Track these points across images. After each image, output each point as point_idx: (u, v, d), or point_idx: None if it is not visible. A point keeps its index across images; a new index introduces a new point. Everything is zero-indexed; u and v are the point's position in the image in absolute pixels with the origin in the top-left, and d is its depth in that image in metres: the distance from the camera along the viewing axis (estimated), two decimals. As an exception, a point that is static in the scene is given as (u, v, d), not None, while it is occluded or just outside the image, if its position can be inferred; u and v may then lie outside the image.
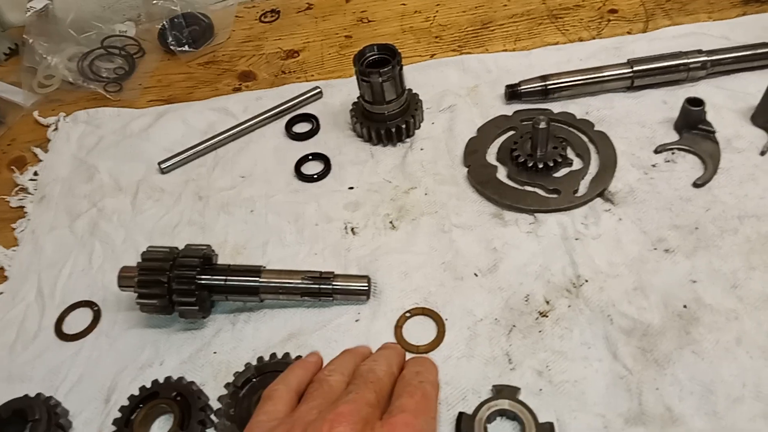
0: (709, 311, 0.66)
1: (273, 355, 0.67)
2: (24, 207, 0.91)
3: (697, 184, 0.78)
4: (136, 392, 0.66)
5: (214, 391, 0.67)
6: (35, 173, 0.95)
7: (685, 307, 0.67)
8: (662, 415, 0.60)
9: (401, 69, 0.83)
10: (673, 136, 0.84)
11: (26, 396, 0.66)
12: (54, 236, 0.86)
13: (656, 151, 0.82)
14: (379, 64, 0.84)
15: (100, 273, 0.81)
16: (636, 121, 0.86)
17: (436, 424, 0.54)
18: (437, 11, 1.11)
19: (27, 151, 0.99)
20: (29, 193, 0.93)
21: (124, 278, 0.72)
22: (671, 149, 0.82)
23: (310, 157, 0.89)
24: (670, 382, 0.62)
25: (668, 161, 0.81)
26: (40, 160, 0.97)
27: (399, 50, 0.84)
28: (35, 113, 1.04)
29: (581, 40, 1.00)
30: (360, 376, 0.53)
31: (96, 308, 0.77)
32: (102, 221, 0.86)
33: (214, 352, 0.71)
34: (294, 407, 0.51)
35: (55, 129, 1.01)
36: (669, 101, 0.88)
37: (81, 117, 1.02)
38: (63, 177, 0.94)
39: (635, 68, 0.88)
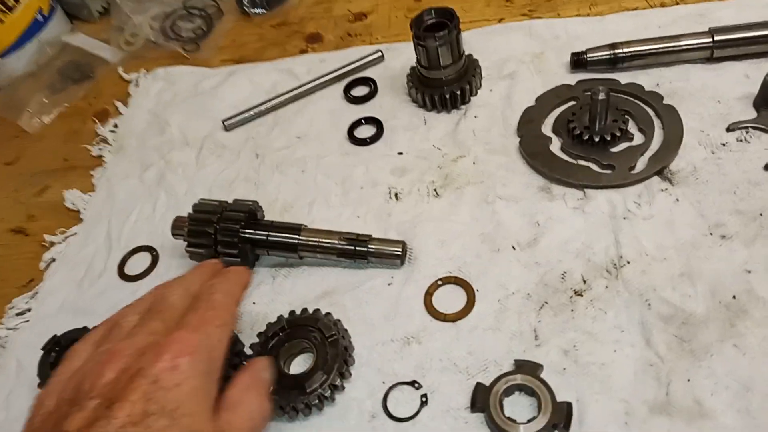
0: (761, 305, 0.61)
1: (304, 310, 0.69)
2: (103, 156, 0.98)
3: (769, 167, 0.71)
4: (181, 333, 0.71)
5: (249, 339, 0.70)
6: (115, 125, 1.03)
7: (734, 297, 0.63)
8: (690, 408, 0.57)
9: (459, 33, 0.81)
10: (751, 114, 0.77)
11: (85, 327, 0.73)
12: (126, 185, 0.93)
13: (729, 129, 0.76)
14: (437, 28, 0.82)
15: (162, 221, 0.86)
16: (711, 96, 0.79)
17: (227, 332, 0.54)
18: (512, -27, 1.06)
19: (110, 104, 1.07)
20: (109, 144, 1.00)
21: (177, 227, 0.77)
22: (746, 128, 0.75)
23: (364, 121, 0.90)
24: (704, 375, 0.59)
25: (740, 141, 0.74)
26: (121, 114, 1.04)
27: (461, 14, 0.82)
28: (120, 69, 1.11)
29: (663, 5, 0.93)
30: (150, 309, 0.53)
31: (155, 253, 0.83)
32: (168, 173, 0.92)
33: (254, 303, 0.74)
34: None
35: (136, 85, 1.08)
36: (752, 75, 0.80)
37: (159, 74, 1.08)
38: (139, 130, 1.00)
39: (716, 38, 0.81)
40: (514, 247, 0.72)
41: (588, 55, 0.85)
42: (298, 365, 0.68)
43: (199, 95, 1.03)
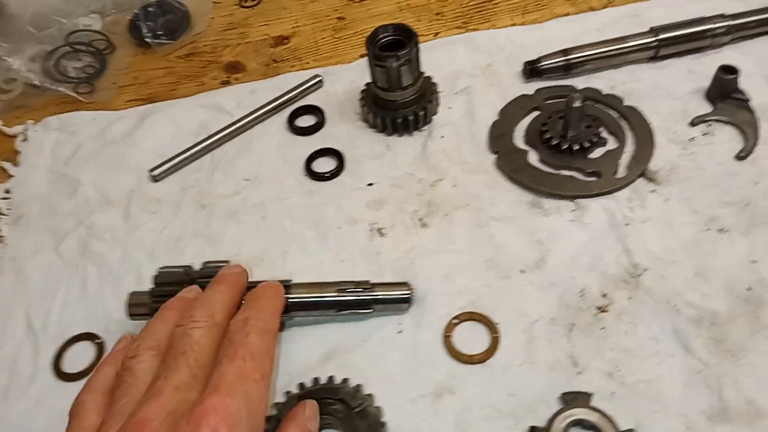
0: (777, 293, 0.63)
1: (316, 380, 0.60)
2: (-1, 231, 0.80)
3: (740, 156, 0.73)
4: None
5: (251, 425, 0.60)
6: (6, 191, 0.85)
7: (749, 289, 0.63)
8: (746, 410, 0.56)
9: (418, 51, 0.76)
10: (706, 107, 0.79)
11: (35, 453, 0.58)
12: (38, 262, 0.76)
13: (692, 124, 0.78)
14: (392, 47, 0.76)
15: (99, 300, 0.72)
16: (665, 93, 0.81)
17: (267, 386, 0.47)
18: (434, -15, 1.04)
19: (-6, 167, 0.88)
20: (3, 215, 0.82)
21: (136, 306, 0.64)
22: (708, 121, 0.77)
23: (321, 153, 0.81)
24: (748, 373, 0.58)
25: (706, 134, 0.77)
26: (11, 176, 0.86)
27: (413, 28, 0.77)
28: (-1, 123, 0.93)
29: (593, 9, 0.94)
30: (172, 347, 0.46)
31: (98, 341, 0.69)
32: (93, 240, 0.77)
33: (245, 381, 0.63)
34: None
35: (25, 139, 0.90)
36: (695, 70, 0.83)
37: (52, 123, 0.91)
38: (40, 193, 0.84)
39: (660, 36, 0.83)
40: (523, 270, 0.68)
41: (542, 63, 0.84)
42: (322, 447, 0.58)
43: (111, 144, 0.88)
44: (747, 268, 0.65)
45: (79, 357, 0.68)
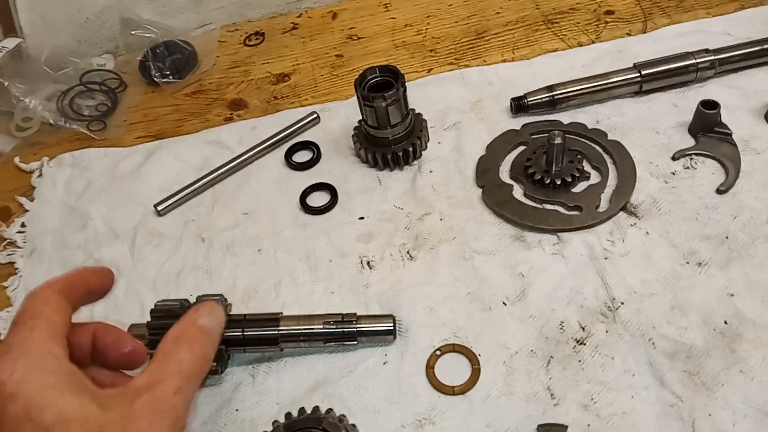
0: (752, 326, 0.64)
1: (302, 410, 0.63)
2: (14, 263, 0.85)
3: (720, 191, 0.75)
4: (157, 461, 0.61)
5: (240, 454, 0.63)
6: (22, 224, 0.90)
7: (726, 323, 0.65)
8: (718, 443, 0.58)
9: (405, 90, 0.80)
10: (689, 141, 0.81)
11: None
12: (49, 293, 0.81)
13: (674, 158, 0.80)
14: (381, 87, 0.80)
15: (103, 330, 0.75)
16: (649, 127, 0.84)
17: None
18: (428, 23, 1.08)
19: (11, 201, 0.93)
20: (18, 247, 0.87)
21: (135, 337, 0.67)
22: (689, 155, 0.79)
23: (315, 188, 0.85)
24: (722, 406, 0.59)
25: (687, 168, 0.79)
26: (27, 210, 0.91)
27: (399, 69, 0.80)
28: (16, 159, 0.98)
29: (581, 45, 0.97)
30: None
31: (103, 369, 0.72)
32: (99, 272, 0.81)
33: (236, 410, 0.66)
34: None
35: (40, 175, 0.96)
36: (680, 104, 0.85)
37: (66, 160, 0.97)
38: (53, 227, 0.88)
39: (643, 72, 0.85)
40: (504, 303, 0.70)
41: (528, 99, 0.87)
42: (306, 475, 0.61)
43: (119, 179, 0.93)
44: (724, 302, 0.66)
45: (83, 385, 0.72)
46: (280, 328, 0.67)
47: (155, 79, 1.06)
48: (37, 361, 0.40)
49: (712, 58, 0.85)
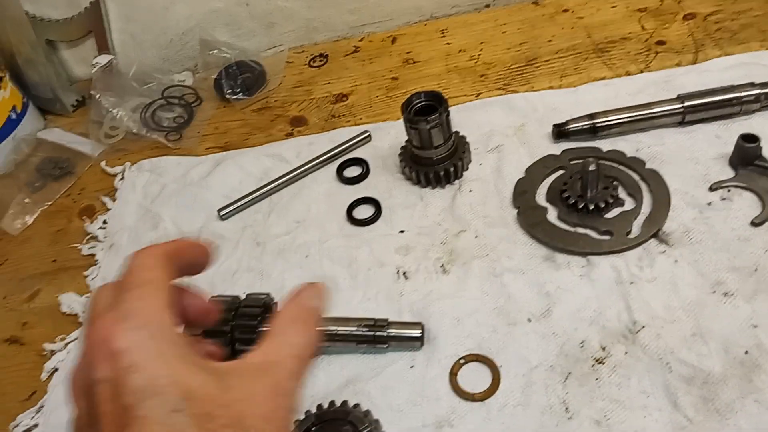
0: (773, 358, 0.65)
1: (332, 403, 0.69)
2: (95, 255, 0.96)
3: (755, 223, 0.76)
4: (203, 438, 0.69)
5: (275, 438, 0.69)
6: (104, 222, 1.01)
7: (746, 353, 0.66)
8: (726, 468, 0.59)
9: (448, 115, 0.85)
10: (728, 173, 0.82)
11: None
12: (122, 283, 0.91)
13: (711, 189, 0.81)
14: (426, 110, 0.86)
15: (165, 319, 0.84)
16: (689, 158, 0.85)
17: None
18: (482, 49, 1.13)
19: (96, 200, 1.05)
20: (99, 241, 0.98)
21: (190, 328, 0.75)
22: (727, 187, 0.80)
23: (362, 201, 0.92)
24: (733, 433, 0.61)
25: (724, 199, 0.80)
26: (109, 209, 1.03)
27: (445, 94, 0.86)
28: (102, 163, 1.10)
29: (629, 74, 1.00)
30: None
31: (163, 354, 0.81)
32: (166, 268, 0.90)
33: (275, 399, 0.73)
34: None
35: (122, 178, 1.07)
36: (722, 136, 0.86)
37: (145, 166, 1.08)
38: (130, 225, 0.99)
39: (686, 104, 0.87)
40: (529, 320, 0.74)
41: (569, 126, 0.90)
42: (331, 462, 0.67)
43: (189, 186, 1.03)
44: (747, 333, 0.67)
45: (146, 367, 0.81)
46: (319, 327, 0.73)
47: (227, 95, 1.16)
48: (155, 331, 0.36)
49: (758, 92, 0.86)
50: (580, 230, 0.80)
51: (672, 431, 0.62)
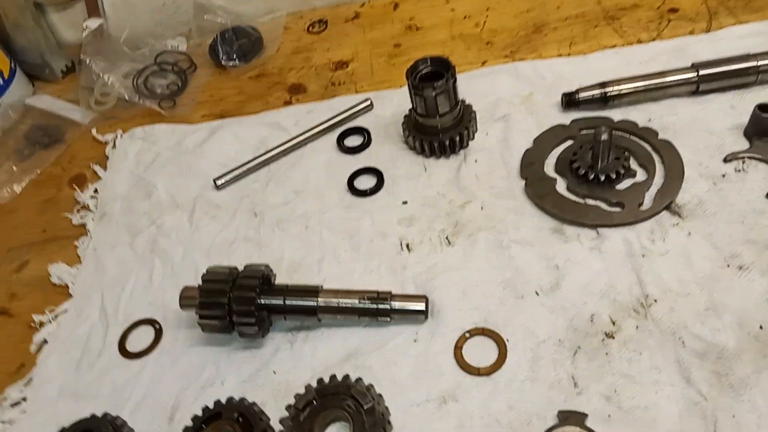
0: (790, 333, 0.63)
1: (333, 377, 0.66)
2: (86, 224, 0.93)
3: (771, 195, 0.74)
4: (199, 412, 0.67)
5: (274, 412, 0.67)
6: (95, 191, 0.98)
7: (761, 328, 0.64)
8: (741, 445, 0.57)
9: (455, 81, 0.82)
10: (743, 144, 0.80)
11: (93, 416, 0.68)
12: (115, 254, 0.88)
13: (726, 160, 0.78)
14: (432, 77, 0.82)
15: (160, 291, 0.82)
16: (703, 128, 0.82)
17: None
18: (487, 16, 1.09)
19: (87, 169, 1.02)
20: (90, 211, 0.95)
21: (186, 298, 0.73)
22: (742, 158, 0.78)
23: (362, 172, 0.88)
24: (747, 409, 0.59)
25: (739, 171, 0.77)
26: (100, 178, 0.99)
27: (451, 61, 0.82)
28: (93, 130, 1.07)
29: (640, 42, 0.96)
30: None
31: (158, 326, 0.79)
32: (161, 238, 0.88)
33: (274, 372, 0.71)
34: None
35: (113, 146, 1.04)
36: (737, 106, 0.83)
37: (137, 133, 1.04)
38: (122, 194, 0.96)
39: (701, 72, 0.84)
40: (537, 293, 0.71)
41: (579, 95, 0.87)
42: (332, 437, 0.65)
43: (184, 154, 0.99)
44: (762, 307, 0.65)
45: (141, 339, 0.78)
46: (319, 299, 0.71)
47: (222, 62, 1.12)
48: None
49: (776, 60, 0.83)
50: (590, 202, 0.78)
51: (685, 407, 0.60)
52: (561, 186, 0.80)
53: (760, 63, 0.83)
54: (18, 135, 1.10)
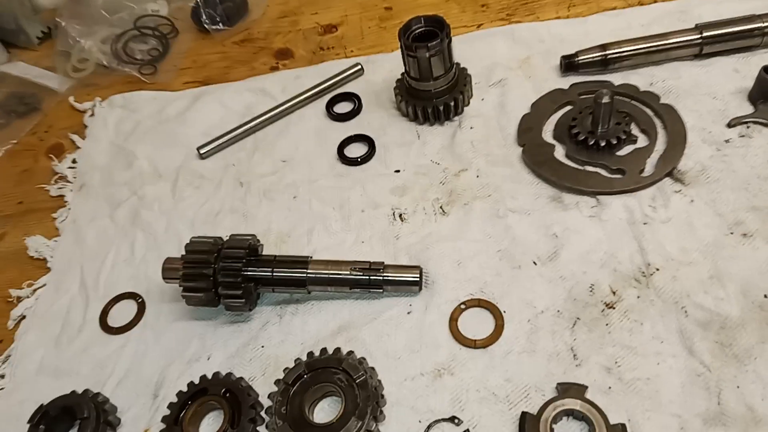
0: (796, 302, 0.61)
1: (323, 350, 0.64)
2: (64, 196, 0.89)
3: (776, 161, 0.71)
4: (184, 388, 0.64)
5: (263, 387, 0.65)
6: (74, 161, 0.94)
7: (766, 296, 0.62)
8: (744, 416, 0.56)
9: (450, 42, 0.78)
10: (748, 108, 0.77)
11: (74, 393, 0.65)
12: (95, 226, 0.84)
13: (729, 125, 0.75)
14: (425, 38, 0.78)
15: (143, 264, 0.79)
16: (706, 92, 0.79)
17: None
18: (482, -23, 1.04)
19: (64, 138, 0.97)
20: (68, 182, 0.91)
21: (169, 270, 0.70)
22: (746, 123, 0.75)
23: (353, 139, 0.85)
24: (751, 380, 0.57)
25: (743, 136, 0.74)
26: (78, 147, 0.95)
27: (445, 20, 0.78)
28: (71, 98, 1.02)
29: (642, 4, 0.93)
30: None
31: (140, 300, 0.76)
32: (143, 210, 0.84)
33: (262, 346, 0.68)
34: None
35: (92, 114, 0.99)
36: (742, 70, 0.81)
37: (117, 101, 1.00)
38: (102, 164, 0.92)
39: (705, 34, 0.81)
40: (535, 263, 0.69)
41: (579, 58, 0.84)
42: (323, 411, 0.63)
43: (165, 122, 0.95)
44: (767, 275, 0.63)
45: (123, 313, 0.75)
46: (309, 270, 0.68)
47: (206, 26, 1.07)
48: None
49: (782, 21, 0.80)
50: (590, 168, 0.75)
51: (688, 378, 0.58)
52: (559, 152, 0.77)
53: (766, 24, 0.79)
54: (-8, 104, 1.05)
